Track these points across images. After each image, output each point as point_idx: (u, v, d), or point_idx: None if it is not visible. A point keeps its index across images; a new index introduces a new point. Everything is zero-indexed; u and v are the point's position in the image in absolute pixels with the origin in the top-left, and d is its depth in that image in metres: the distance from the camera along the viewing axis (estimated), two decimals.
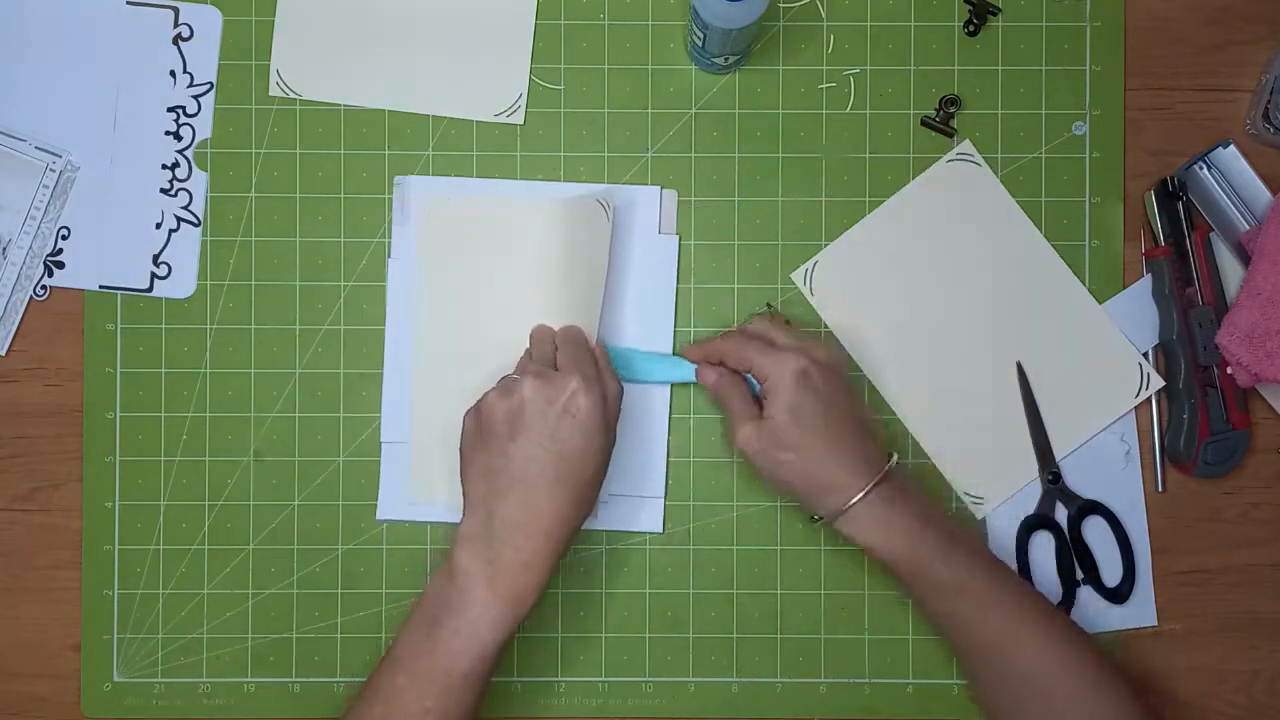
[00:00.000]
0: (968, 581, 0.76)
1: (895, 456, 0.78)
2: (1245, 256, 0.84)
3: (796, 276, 0.86)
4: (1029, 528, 0.85)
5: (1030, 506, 0.85)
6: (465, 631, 0.71)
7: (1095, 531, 0.85)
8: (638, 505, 0.85)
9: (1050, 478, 0.85)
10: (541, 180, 0.85)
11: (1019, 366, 0.85)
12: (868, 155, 0.85)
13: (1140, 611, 0.85)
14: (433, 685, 0.71)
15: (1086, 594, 0.85)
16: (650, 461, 0.85)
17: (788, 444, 0.76)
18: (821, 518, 0.78)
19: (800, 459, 0.76)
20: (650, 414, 0.85)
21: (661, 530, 0.85)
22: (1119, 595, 0.84)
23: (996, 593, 0.76)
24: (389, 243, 0.85)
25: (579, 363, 0.77)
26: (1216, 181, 0.84)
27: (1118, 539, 0.85)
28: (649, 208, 0.85)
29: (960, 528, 0.80)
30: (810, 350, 0.78)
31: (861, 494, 0.76)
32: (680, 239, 0.85)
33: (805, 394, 0.76)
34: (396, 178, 0.85)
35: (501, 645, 0.73)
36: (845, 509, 0.76)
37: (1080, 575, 0.85)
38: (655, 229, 0.85)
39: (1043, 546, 0.85)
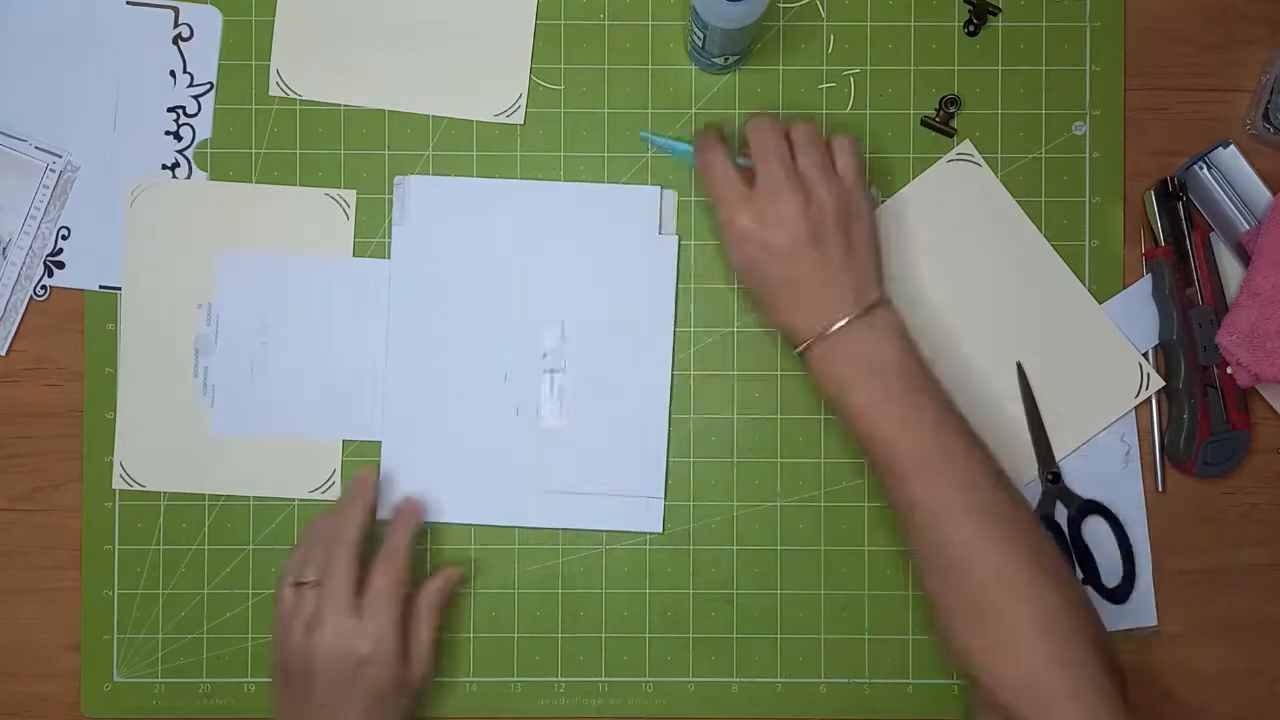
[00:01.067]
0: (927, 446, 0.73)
1: (892, 302, 0.77)
2: (1245, 256, 0.84)
3: None
4: None
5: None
6: None
7: (1095, 532, 0.85)
8: (638, 505, 0.85)
9: (1050, 478, 0.85)
10: (542, 180, 0.85)
11: (1019, 367, 0.85)
12: (868, 155, 0.85)
13: (1140, 611, 0.85)
14: None
15: None
16: (650, 461, 0.85)
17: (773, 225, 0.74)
18: (802, 347, 0.75)
19: (785, 262, 0.75)
20: (650, 414, 0.85)
21: (661, 530, 0.85)
22: (1118, 596, 0.84)
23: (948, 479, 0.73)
24: (389, 243, 0.85)
25: (386, 604, 0.76)
26: (1216, 181, 0.84)
27: (1118, 540, 0.84)
28: (649, 208, 0.85)
29: (941, 394, 0.76)
30: (825, 178, 0.76)
31: (847, 317, 0.74)
32: (680, 239, 0.85)
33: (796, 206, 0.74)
34: (397, 178, 0.85)
35: None
36: (830, 330, 0.74)
37: (1079, 576, 0.85)
38: (656, 229, 0.85)
39: None
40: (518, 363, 0.85)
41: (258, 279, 0.85)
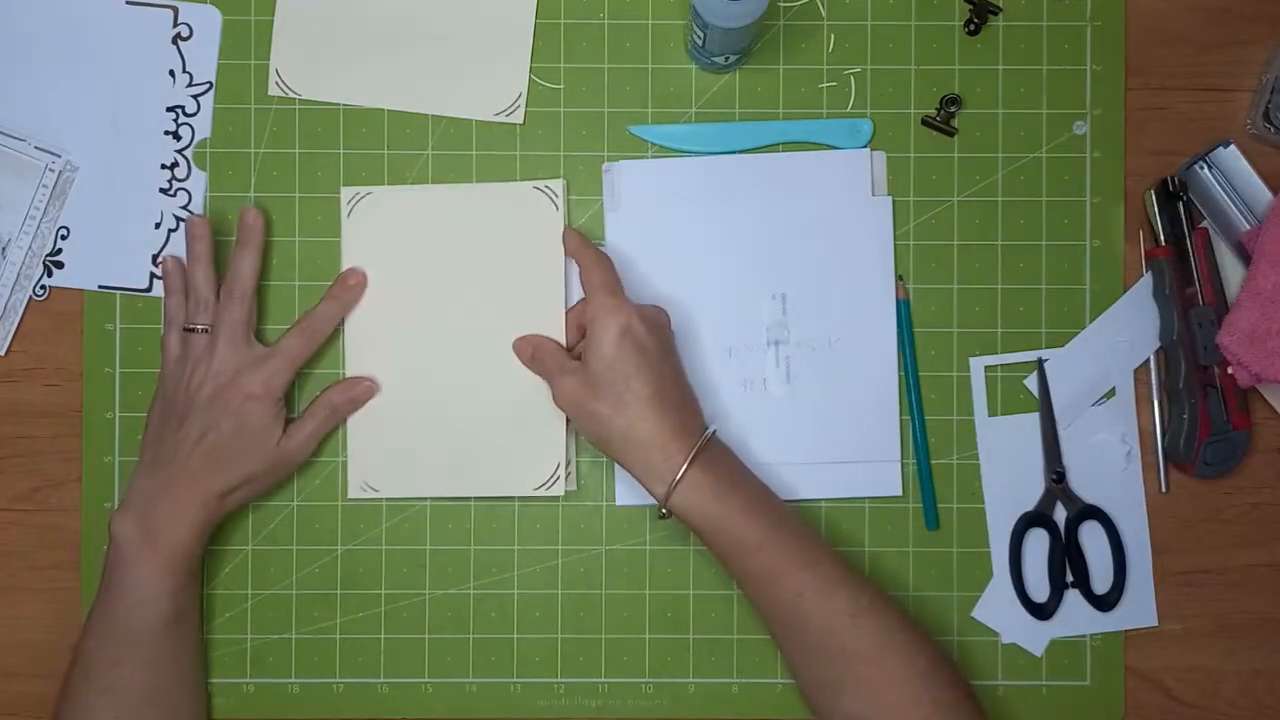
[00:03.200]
0: (769, 537, 0.75)
1: (713, 429, 0.78)
2: (1245, 256, 0.84)
3: None
4: (1026, 523, 0.85)
5: (1030, 502, 0.85)
6: (130, 586, 0.77)
7: (1091, 537, 0.85)
8: (874, 469, 0.84)
9: (1055, 477, 0.84)
10: (748, 152, 0.85)
11: (1040, 364, 0.85)
12: (869, 154, 0.85)
13: (1140, 612, 0.85)
14: (115, 640, 0.78)
15: (1073, 597, 0.85)
16: (882, 424, 0.85)
17: (602, 394, 0.76)
18: (666, 512, 0.76)
19: (615, 412, 0.76)
20: (878, 376, 0.85)
21: (901, 493, 0.85)
22: (1106, 603, 0.84)
23: (798, 551, 0.75)
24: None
25: (285, 359, 0.80)
26: (1217, 181, 0.84)
27: (1112, 547, 0.84)
28: (859, 171, 0.85)
29: (768, 491, 0.78)
30: (639, 305, 0.78)
31: (687, 459, 0.74)
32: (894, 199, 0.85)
33: (625, 346, 0.76)
34: (605, 164, 0.85)
35: (171, 594, 0.78)
36: (676, 479, 0.74)
37: (1070, 578, 0.85)
38: (868, 192, 0.85)
39: (1037, 544, 0.85)
40: (741, 337, 0.84)
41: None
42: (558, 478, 0.83)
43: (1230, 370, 0.82)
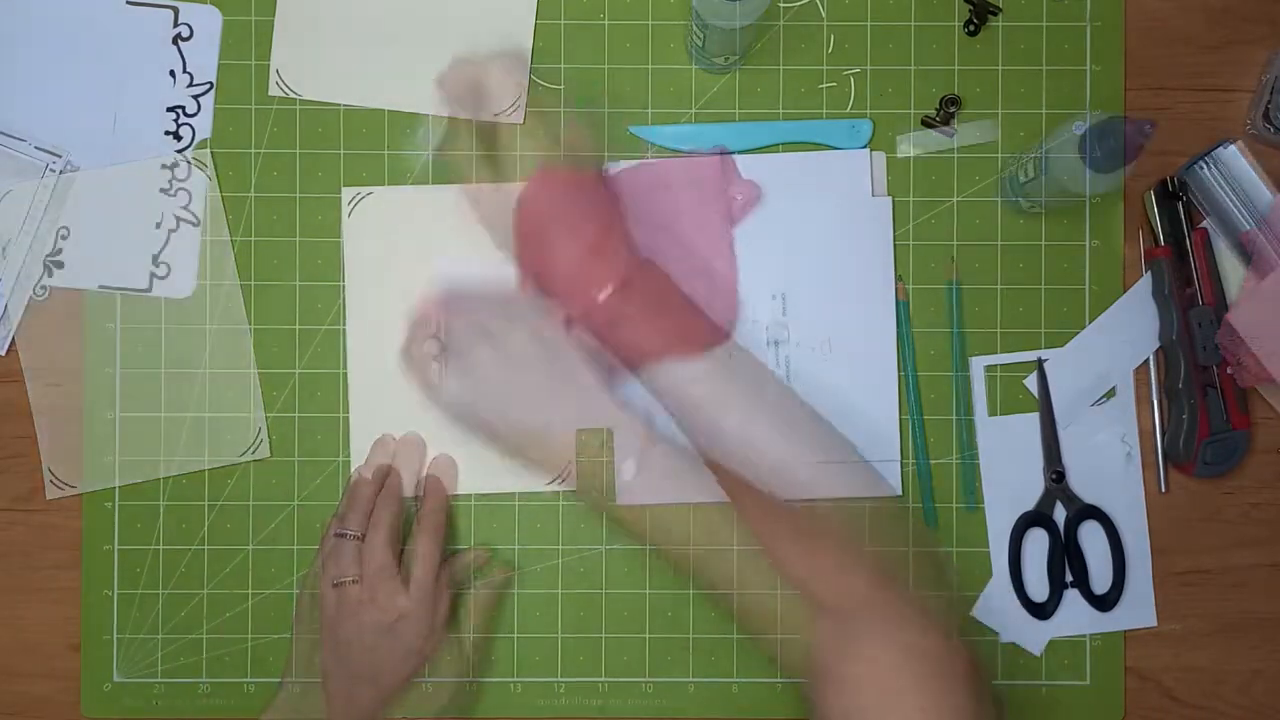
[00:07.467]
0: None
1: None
2: (1245, 256, 0.84)
3: None
4: (1025, 523, 0.85)
5: (1030, 502, 0.85)
6: None
7: (1091, 536, 0.85)
8: (873, 469, 0.84)
9: (1055, 477, 0.84)
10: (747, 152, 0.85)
11: (1039, 364, 0.85)
12: (869, 154, 0.85)
13: (1140, 612, 0.85)
14: None
15: (1073, 596, 0.85)
16: (882, 424, 0.85)
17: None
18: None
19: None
20: (877, 376, 0.85)
21: (901, 492, 0.85)
22: (1105, 603, 0.84)
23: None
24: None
25: (422, 565, 0.79)
26: (1217, 181, 0.84)
27: (1112, 547, 0.84)
28: (859, 171, 0.85)
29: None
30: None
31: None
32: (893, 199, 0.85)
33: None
34: (606, 165, 0.85)
35: None
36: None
37: (1070, 578, 0.85)
38: (868, 191, 0.85)
39: (1036, 544, 0.85)
40: (741, 337, 0.84)
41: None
42: (570, 471, 0.83)
43: (1230, 370, 0.82)
